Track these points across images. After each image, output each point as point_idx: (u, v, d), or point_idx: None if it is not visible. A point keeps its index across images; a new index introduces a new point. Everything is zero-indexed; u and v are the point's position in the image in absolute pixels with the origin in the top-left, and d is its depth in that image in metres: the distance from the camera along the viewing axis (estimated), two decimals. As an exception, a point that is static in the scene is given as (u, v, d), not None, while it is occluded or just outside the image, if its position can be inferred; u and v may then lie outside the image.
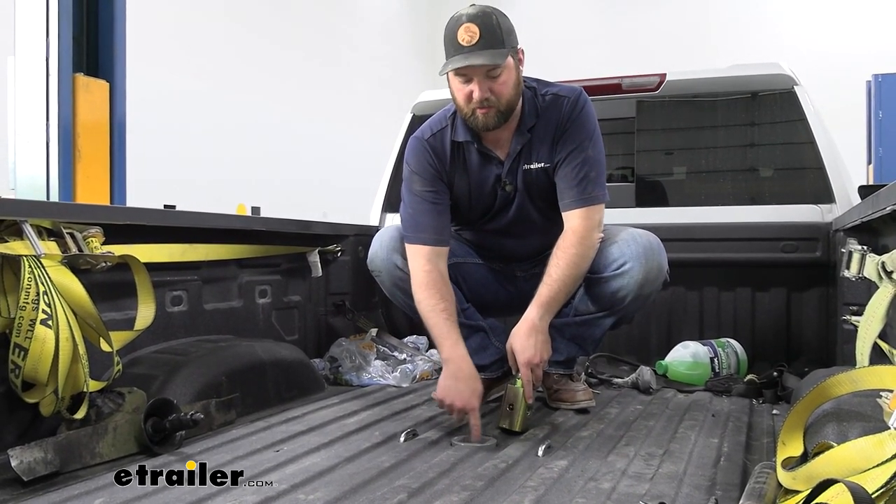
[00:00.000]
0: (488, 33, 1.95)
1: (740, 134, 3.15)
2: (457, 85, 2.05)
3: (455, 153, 2.20)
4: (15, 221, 1.65)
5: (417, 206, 2.18)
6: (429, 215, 2.16)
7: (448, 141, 2.19)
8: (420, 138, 2.23)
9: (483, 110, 2.03)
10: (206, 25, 8.07)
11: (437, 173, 2.19)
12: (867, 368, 1.44)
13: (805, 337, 2.89)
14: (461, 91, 2.04)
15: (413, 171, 2.21)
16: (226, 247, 2.39)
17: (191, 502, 1.38)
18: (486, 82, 2.00)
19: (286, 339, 2.73)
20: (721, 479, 1.52)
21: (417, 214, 2.17)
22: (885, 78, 7.20)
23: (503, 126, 2.11)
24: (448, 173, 2.20)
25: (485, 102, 2.01)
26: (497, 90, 2.01)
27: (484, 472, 1.58)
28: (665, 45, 10.84)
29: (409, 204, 2.20)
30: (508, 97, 2.05)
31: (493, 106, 2.02)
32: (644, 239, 2.13)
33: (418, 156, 2.21)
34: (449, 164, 2.20)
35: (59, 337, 1.62)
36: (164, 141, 6.99)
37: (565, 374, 2.30)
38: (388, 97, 10.09)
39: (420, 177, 2.19)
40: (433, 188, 2.18)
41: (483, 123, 2.06)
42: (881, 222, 1.93)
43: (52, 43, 3.87)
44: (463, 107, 2.07)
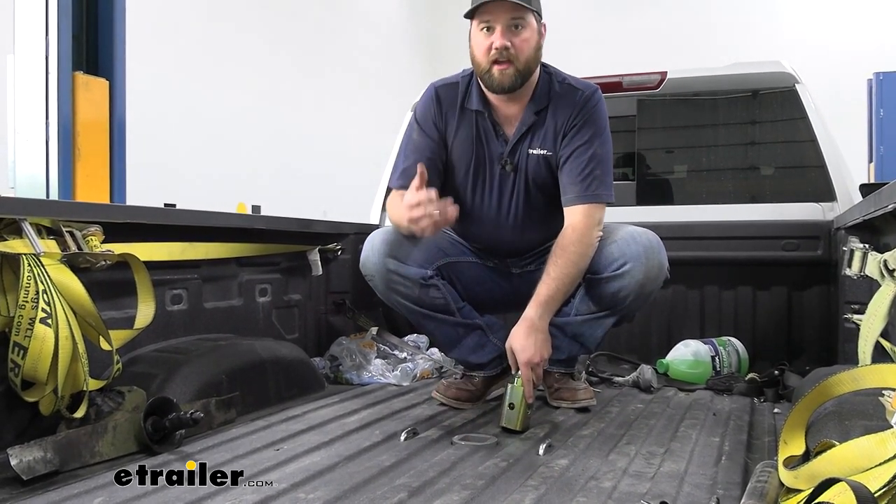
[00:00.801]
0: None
1: (741, 132, 3.15)
2: (478, 38, 2.07)
3: (462, 115, 2.20)
4: (14, 220, 1.65)
5: (411, 156, 2.20)
6: (418, 166, 2.15)
7: (459, 98, 2.20)
8: (434, 85, 2.26)
9: (501, 66, 2.04)
10: (206, 24, 8.06)
11: (436, 128, 2.21)
12: (869, 367, 1.44)
13: (806, 335, 2.89)
14: (481, 45, 2.06)
15: (416, 120, 2.25)
16: (226, 245, 2.39)
17: (190, 502, 1.38)
18: (509, 34, 2.02)
19: (286, 338, 2.73)
20: (722, 478, 1.52)
21: (410, 165, 2.15)
22: (887, 76, 7.19)
23: (515, 100, 2.12)
24: (447, 127, 2.21)
25: (504, 53, 2.02)
26: (518, 45, 2.03)
27: (484, 470, 1.57)
28: (666, 44, 10.82)
29: (403, 152, 2.26)
30: (527, 57, 2.06)
31: (511, 62, 2.03)
32: (644, 238, 2.11)
33: (425, 105, 2.24)
34: (455, 120, 2.20)
35: (59, 335, 1.61)
36: (164, 139, 6.98)
37: (566, 373, 2.30)
38: (389, 95, 10.08)
39: (420, 127, 2.22)
40: (430, 142, 2.21)
41: (499, 82, 2.06)
42: (883, 220, 1.93)
43: (51, 41, 3.86)
44: (481, 61, 2.08)
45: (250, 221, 2.64)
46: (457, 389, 2.26)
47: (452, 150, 2.22)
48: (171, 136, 7.20)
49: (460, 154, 2.21)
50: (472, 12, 2.05)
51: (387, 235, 2.18)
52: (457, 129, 2.20)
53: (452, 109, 2.20)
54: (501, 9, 2.00)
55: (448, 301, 2.21)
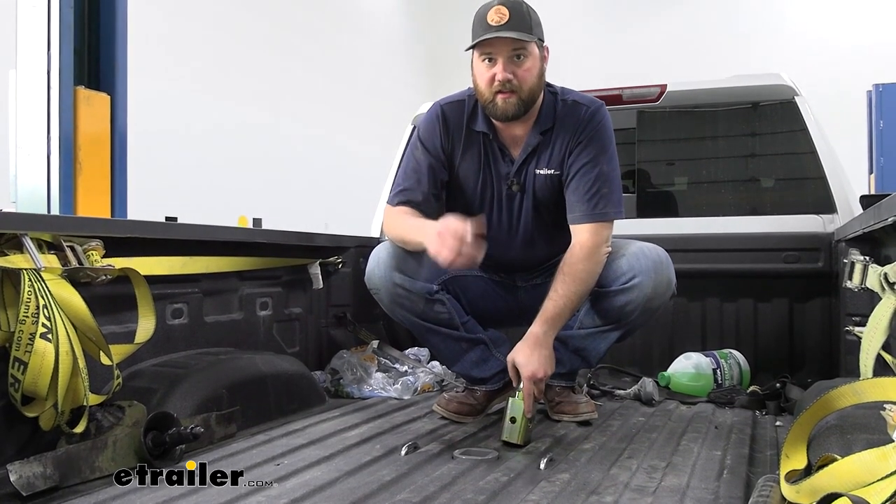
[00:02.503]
0: (518, 17, 1.98)
1: (741, 144, 3.16)
2: (480, 68, 2.06)
3: (469, 136, 2.20)
4: (15, 234, 1.65)
5: (411, 175, 2.21)
6: (420, 184, 2.18)
7: (464, 118, 2.20)
8: (439, 104, 2.25)
9: (504, 95, 2.03)
10: (208, 37, 8.10)
11: (440, 148, 2.20)
12: (871, 380, 1.43)
13: (808, 348, 2.88)
14: (484, 75, 2.05)
15: (419, 138, 2.23)
16: (226, 259, 2.39)
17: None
18: (511, 65, 2.01)
19: (287, 352, 2.72)
20: (724, 493, 1.51)
21: (409, 182, 2.19)
22: (886, 87, 7.21)
23: (520, 122, 2.12)
24: (453, 149, 2.20)
25: (507, 85, 2.02)
26: (520, 75, 2.03)
27: (486, 485, 1.57)
28: (665, 56, 10.89)
29: (404, 169, 2.25)
30: (531, 85, 2.05)
31: (514, 91, 2.03)
32: (653, 253, 2.12)
33: (430, 124, 2.23)
34: (462, 141, 2.19)
35: (59, 350, 1.61)
36: (165, 153, 7.01)
37: (567, 387, 2.29)
38: (390, 108, 10.13)
39: (424, 146, 2.21)
40: (433, 160, 2.20)
41: (502, 111, 2.06)
42: (883, 233, 1.93)
43: (53, 56, 3.88)
44: (484, 91, 2.07)
45: (251, 235, 2.65)
46: (458, 403, 2.25)
47: (459, 170, 2.22)
48: (173, 149, 7.23)
49: (467, 174, 2.21)
50: (472, 46, 2.05)
51: (393, 249, 2.18)
52: (463, 150, 2.20)
53: (459, 131, 2.20)
54: (502, 42, 2.00)
55: (452, 315, 2.21)
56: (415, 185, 2.18)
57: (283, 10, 9.43)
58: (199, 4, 8.09)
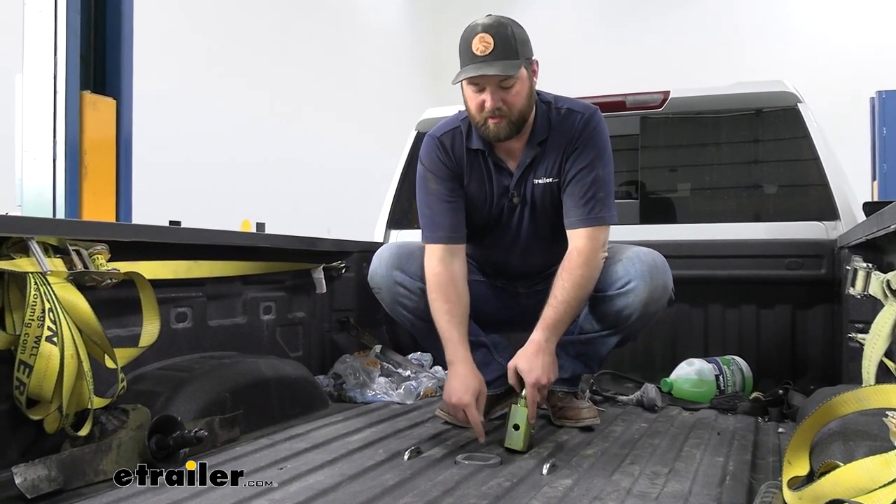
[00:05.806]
0: (503, 44, 1.97)
1: (744, 151, 3.16)
2: (470, 94, 2.06)
3: (470, 156, 2.21)
4: (21, 238, 1.66)
5: (434, 205, 2.20)
6: (444, 214, 2.18)
7: (462, 140, 2.20)
8: (434, 136, 2.24)
9: (495, 120, 2.04)
10: (214, 44, 8.13)
11: (450, 171, 2.20)
12: (873, 387, 1.43)
13: (810, 354, 2.88)
14: (474, 100, 2.05)
15: (427, 170, 2.23)
16: (230, 263, 2.40)
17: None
18: (499, 92, 2.01)
19: (290, 356, 2.73)
20: (726, 499, 1.51)
21: (434, 214, 2.19)
22: (889, 94, 7.20)
23: (515, 137, 2.12)
24: (460, 170, 2.21)
25: (496, 112, 2.02)
26: (509, 101, 2.03)
27: (488, 490, 1.57)
28: (668, 63, 10.89)
29: (424, 204, 2.23)
30: (520, 108, 2.06)
31: (504, 116, 2.04)
32: (649, 257, 2.13)
33: (431, 154, 2.23)
34: (466, 159, 2.20)
35: (64, 354, 1.62)
36: (170, 157, 7.03)
37: (570, 392, 2.29)
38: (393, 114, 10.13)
39: (434, 175, 2.21)
40: (447, 185, 2.20)
41: (494, 133, 2.07)
42: (886, 240, 1.93)
43: (59, 61, 3.91)
44: (475, 116, 2.08)
45: (254, 240, 2.66)
46: (460, 408, 2.25)
47: (468, 189, 2.23)
48: (178, 154, 7.25)
49: (476, 192, 2.23)
50: (458, 80, 2.04)
51: (396, 249, 2.23)
52: (468, 169, 2.21)
53: (460, 153, 2.21)
54: (488, 74, 1.99)
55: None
56: (441, 220, 2.19)
57: (289, 15, 9.47)
58: (205, 10, 8.13)
